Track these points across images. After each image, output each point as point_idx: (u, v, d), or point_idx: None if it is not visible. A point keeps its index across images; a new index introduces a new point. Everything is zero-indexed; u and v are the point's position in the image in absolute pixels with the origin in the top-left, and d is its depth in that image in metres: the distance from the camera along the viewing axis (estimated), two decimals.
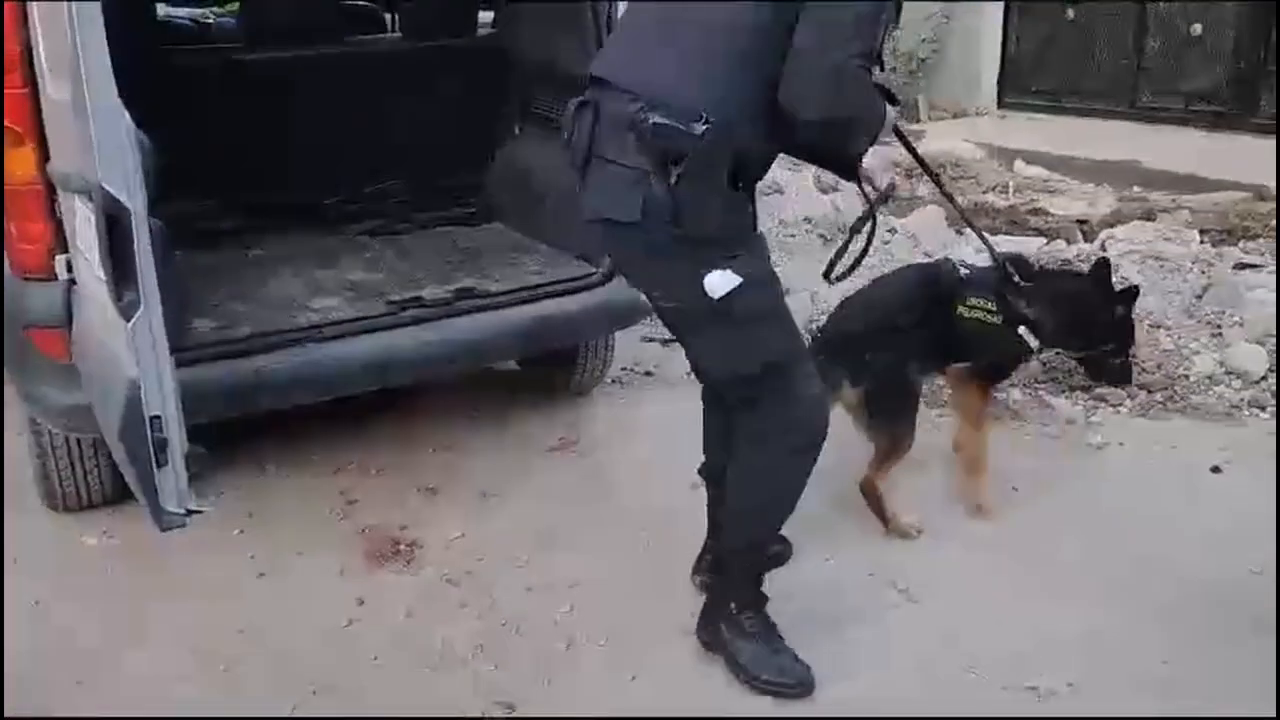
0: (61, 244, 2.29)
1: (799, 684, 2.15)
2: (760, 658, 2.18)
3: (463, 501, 2.97)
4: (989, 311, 2.66)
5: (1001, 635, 2.34)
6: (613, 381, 3.80)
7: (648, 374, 3.94)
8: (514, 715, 2.15)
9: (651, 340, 4.22)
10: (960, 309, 2.67)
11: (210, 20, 6.62)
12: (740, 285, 1.89)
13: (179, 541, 2.69)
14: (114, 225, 1.65)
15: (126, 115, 1.67)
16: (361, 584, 2.61)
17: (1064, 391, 3.57)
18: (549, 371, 3.60)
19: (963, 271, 2.75)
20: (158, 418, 1.77)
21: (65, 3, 1.64)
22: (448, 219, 3.74)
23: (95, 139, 1.63)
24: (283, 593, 2.60)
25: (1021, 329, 2.67)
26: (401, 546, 2.76)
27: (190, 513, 1.86)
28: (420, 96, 3.83)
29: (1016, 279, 2.67)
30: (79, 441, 2.73)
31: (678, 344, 4.24)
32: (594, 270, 3.07)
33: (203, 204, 3.44)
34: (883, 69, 1.95)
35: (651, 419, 3.56)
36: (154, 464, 1.78)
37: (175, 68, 3.68)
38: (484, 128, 3.81)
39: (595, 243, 3.06)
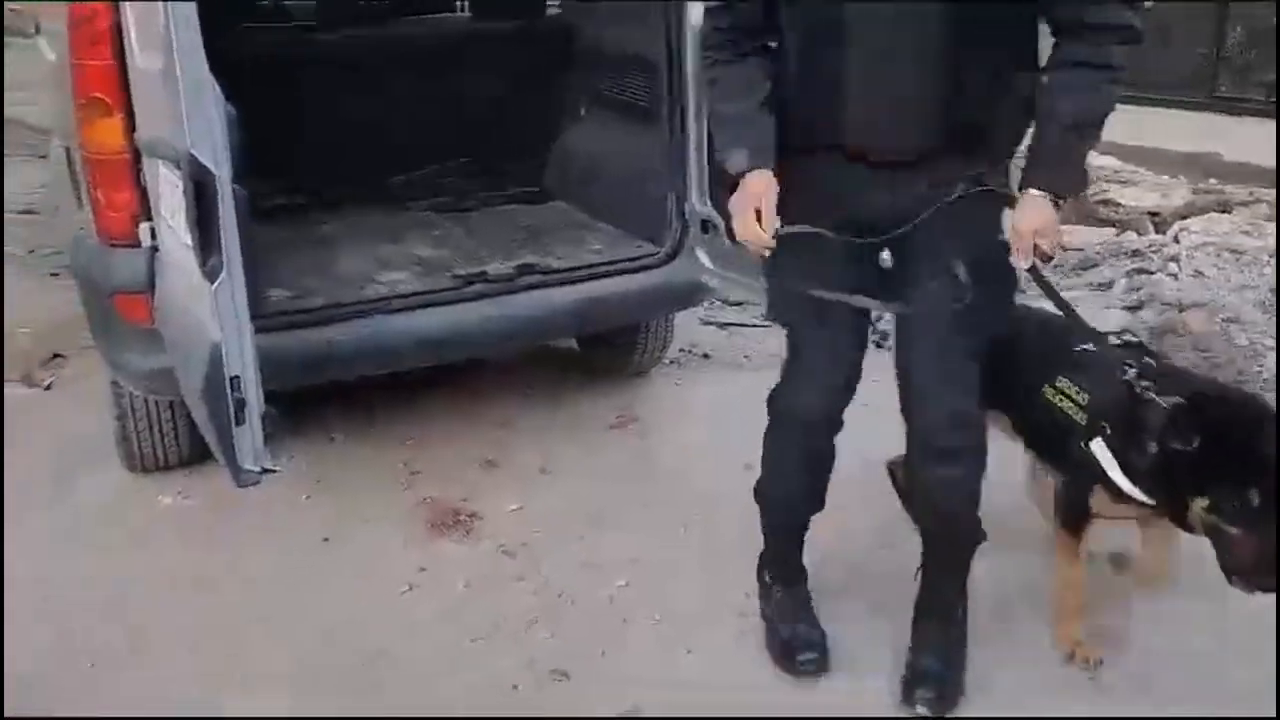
0: (145, 211, 2.36)
1: None
2: None
3: (521, 476, 3.02)
4: (1075, 402, 2.08)
5: None
6: (670, 362, 3.83)
7: (705, 356, 3.97)
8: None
9: (710, 323, 4.25)
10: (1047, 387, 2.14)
11: None
12: None
13: (249, 503, 2.82)
14: (201, 192, 1.72)
15: (215, 86, 1.74)
16: (422, 552, 2.67)
17: None
18: (607, 351, 3.63)
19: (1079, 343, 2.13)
20: (237, 379, 1.83)
21: None
22: (511, 197, 3.78)
23: (185, 108, 1.69)
24: (346, 557, 2.67)
25: (1098, 446, 2.00)
26: (461, 517, 2.82)
27: (265, 471, 1.93)
28: (487, 76, 3.88)
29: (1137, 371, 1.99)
30: (158, 404, 2.83)
31: (736, 328, 4.31)
32: (655, 251, 3.09)
33: (273, 179, 3.51)
34: None
35: (708, 401, 3.58)
36: (233, 423, 1.85)
37: (253, 44, 3.77)
38: (549, 108, 3.85)
39: (657, 223, 3.11)
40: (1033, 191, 1.84)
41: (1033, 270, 1.88)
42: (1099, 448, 1.99)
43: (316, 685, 2.21)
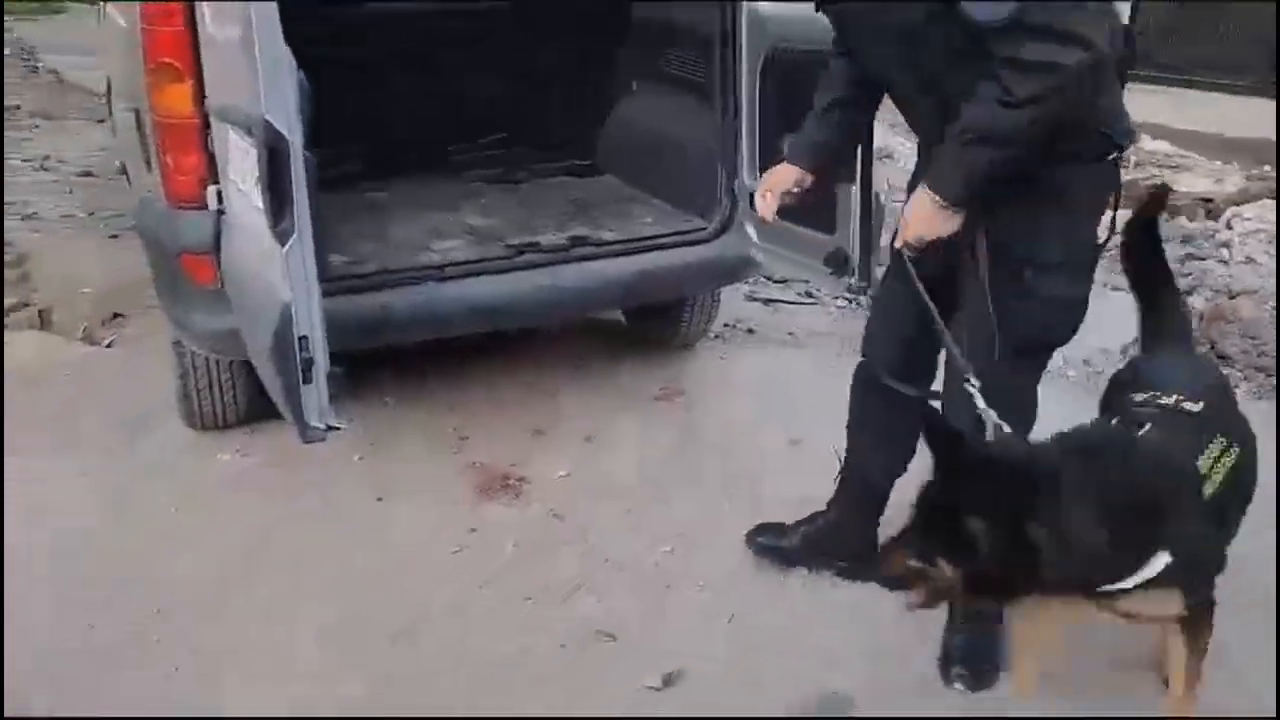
0: (212, 175, 2.43)
1: None
2: None
3: (568, 444, 3.08)
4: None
5: None
6: (715, 337, 3.86)
7: (749, 331, 4.00)
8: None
9: (755, 299, 4.28)
10: None
11: None
12: None
13: (305, 462, 2.91)
14: (274, 158, 1.78)
15: (290, 55, 1.79)
16: (471, 515, 2.74)
17: None
18: (654, 324, 3.67)
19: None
20: (305, 339, 1.90)
21: None
22: (563, 170, 3.82)
23: (262, 78, 1.74)
24: (398, 517, 2.75)
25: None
26: (510, 482, 2.88)
27: (329, 428, 2.00)
28: (542, 49, 3.91)
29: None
30: (219, 364, 2.91)
31: (780, 304, 4.33)
32: (705, 226, 3.12)
33: (330, 148, 3.57)
34: None
35: (752, 376, 3.61)
36: (300, 381, 1.92)
37: (314, 15, 3.82)
38: (602, 82, 3.87)
39: (707, 199, 3.14)
40: (921, 185, 1.95)
41: (897, 255, 2.05)
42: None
43: (365, 639, 2.28)
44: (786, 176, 2.26)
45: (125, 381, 3.51)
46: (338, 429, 2.02)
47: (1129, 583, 1.65)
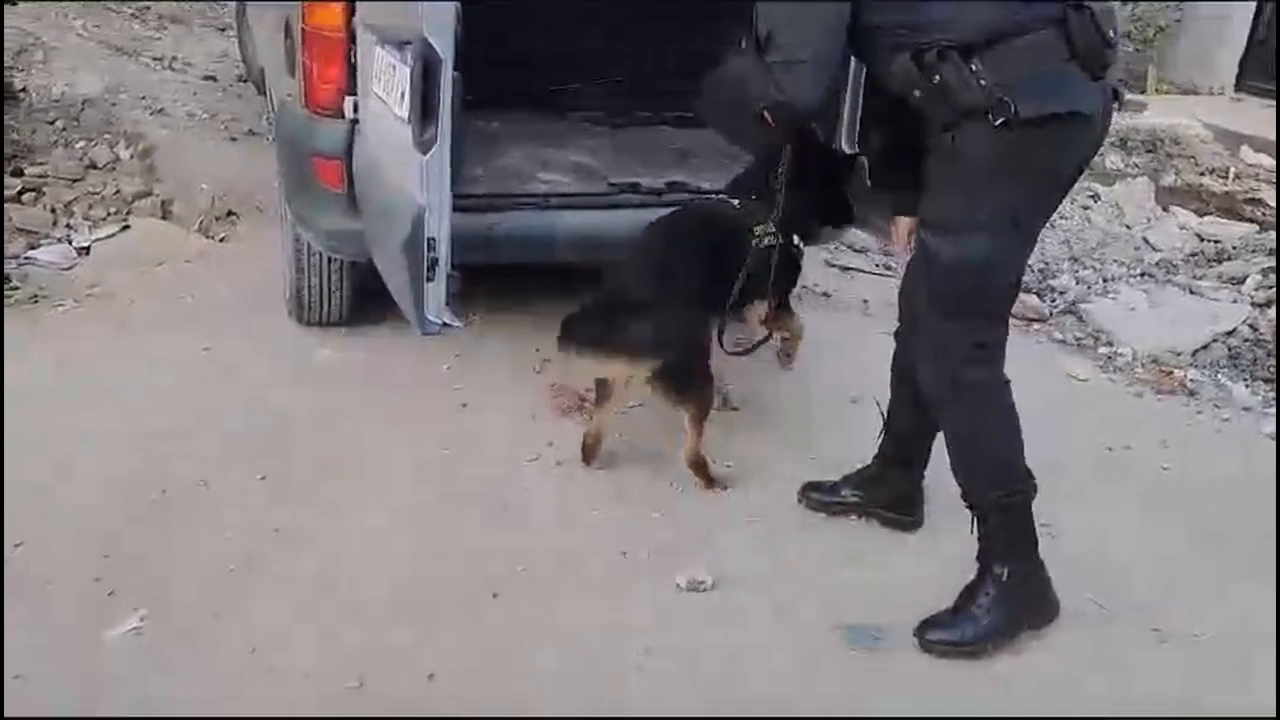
0: (350, 86, 2.62)
1: None
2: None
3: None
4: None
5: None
6: (793, 298, 3.98)
7: (825, 295, 4.12)
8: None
9: (834, 265, 4.39)
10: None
11: None
12: None
13: (397, 364, 3.15)
14: (428, 73, 1.95)
15: None
16: (550, 429, 2.94)
17: (1244, 379, 3.55)
18: None
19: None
20: (433, 240, 2.09)
21: None
22: (666, 120, 3.95)
23: None
24: (480, 424, 2.96)
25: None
26: (587, 405, 3.06)
27: (445, 325, 2.19)
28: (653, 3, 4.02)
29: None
30: (331, 263, 3.13)
31: (857, 272, 4.42)
32: None
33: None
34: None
35: (824, 338, 3.72)
36: (425, 278, 2.11)
37: None
38: (711, 36, 3.98)
39: None
40: None
41: None
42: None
43: (444, 524, 2.51)
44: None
45: (235, 274, 3.78)
46: (451, 326, 2.21)
47: None
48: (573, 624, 2.22)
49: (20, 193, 4.17)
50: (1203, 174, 6.42)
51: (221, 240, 4.14)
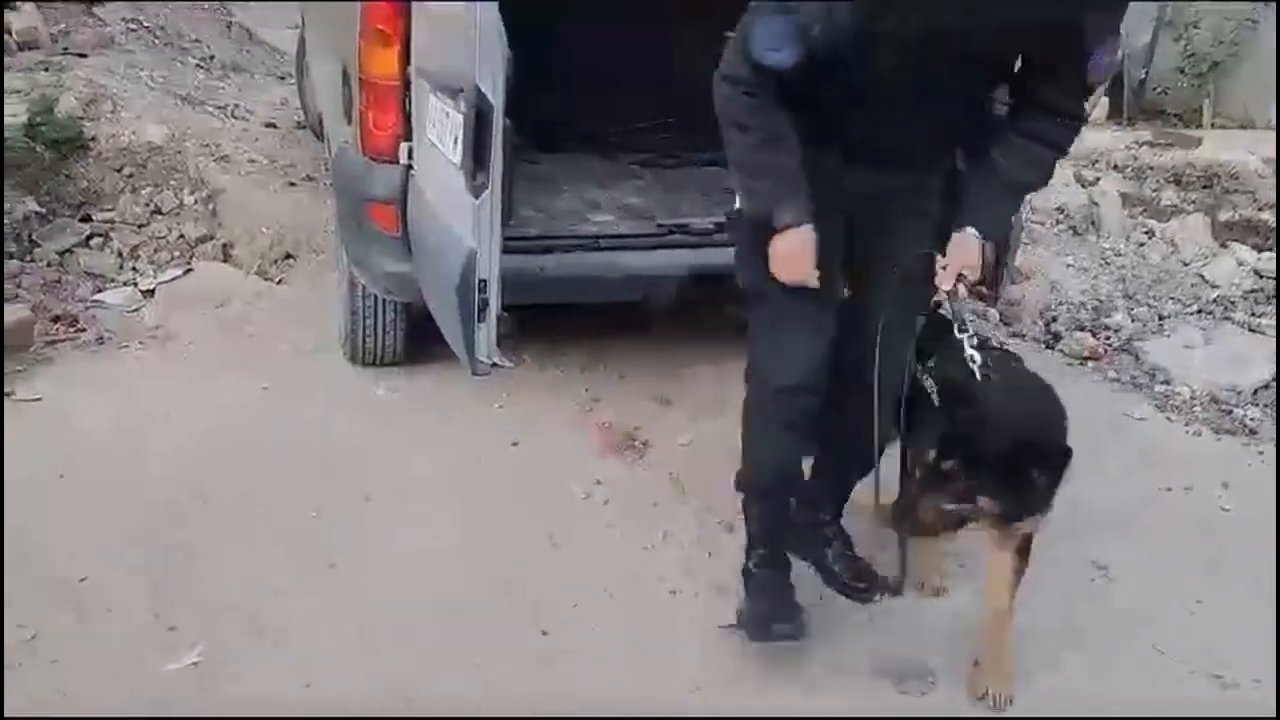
0: (406, 133, 2.69)
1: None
2: None
3: (693, 414, 3.26)
4: None
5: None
6: None
7: None
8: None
9: None
10: None
11: None
12: None
13: (449, 403, 3.19)
14: (480, 121, 2.01)
15: (503, 31, 2.02)
16: (598, 467, 2.97)
17: None
18: None
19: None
20: (484, 282, 2.14)
21: None
22: (714, 160, 3.98)
23: (478, 48, 1.97)
24: (530, 461, 2.99)
25: None
26: (635, 443, 3.09)
27: (494, 365, 2.23)
28: (702, 42, 4.06)
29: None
30: (385, 305, 3.20)
31: None
32: None
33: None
34: None
35: None
36: (476, 320, 2.16)
37: None
38: None
39: None
40: (969, 230, 2.06)
41: (951, 294, 2.10)
42: None
43: (494, 560, 2.54)
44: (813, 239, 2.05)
45: (292, 315, 3.86)
46: (502, 366, 2.25)
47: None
48: (622, 661, 2.22)
49: (88, 238, 4.32)
50: (1260, 209, 6.29)
51: (279, 282, 4.24)
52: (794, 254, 2.03)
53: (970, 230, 2.06)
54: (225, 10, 8.39)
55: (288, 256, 4.39)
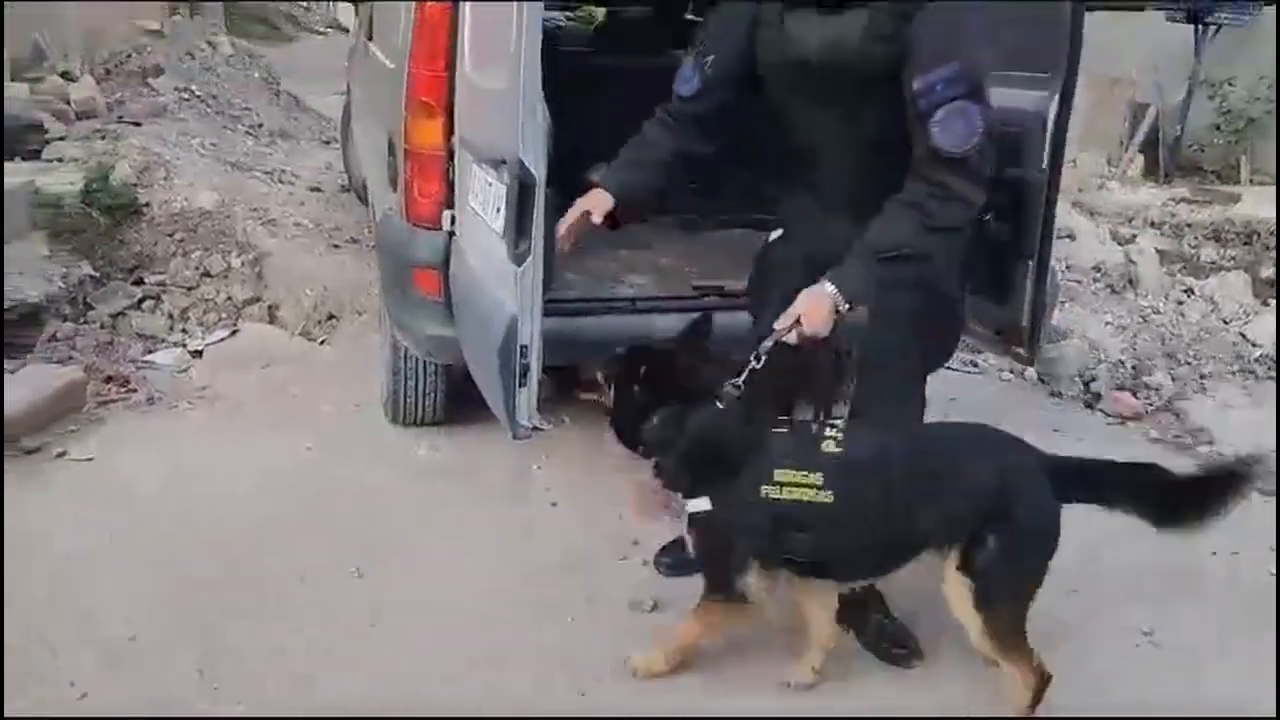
0: (449, 201, 2.77)
1: None
2: None
3: None
4: None
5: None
6: None
7: None
8: None
9: None
10: None
11: (562, 25, 7.30)
12: None
13: (489, 463, 3.23)
14: (523, 191, 2.07)
15: (544, 104, 2.09)
16: (636, 529, 2.98)
17: None
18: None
19: None
20: (525, 347, 2.18)
21: (514, 3, 2.08)
22: (748, 223, 4.04)
23: (522, 121, 2.05)
24: (570, 520, 3.02)
25: None
26: (672, 506, 3.08)
27: (535, 429, 2.26)
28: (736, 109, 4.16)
29: None
30: (427, 367, 3.26)
31: (944, 369, 4.40)
32: None
33: None
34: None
35: None
36: (517, 384, 2.20)
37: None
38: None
39: None
40: (825, 285, 2.18)
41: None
42: None
43: (533, 621, 2.56)
44: (594, 201, 2.47)
45: (335, 376, 3.95)
46: (542, 430, 2.29)
47: None
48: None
49: (140, 301, 4.46)
50: None
51: (322, 342, 4.34)
52: (580, 201, 2.45)
53: (827, 286, 2.18)
54: (273, 79, 8.70)
55: (331, 318, 4.50)
